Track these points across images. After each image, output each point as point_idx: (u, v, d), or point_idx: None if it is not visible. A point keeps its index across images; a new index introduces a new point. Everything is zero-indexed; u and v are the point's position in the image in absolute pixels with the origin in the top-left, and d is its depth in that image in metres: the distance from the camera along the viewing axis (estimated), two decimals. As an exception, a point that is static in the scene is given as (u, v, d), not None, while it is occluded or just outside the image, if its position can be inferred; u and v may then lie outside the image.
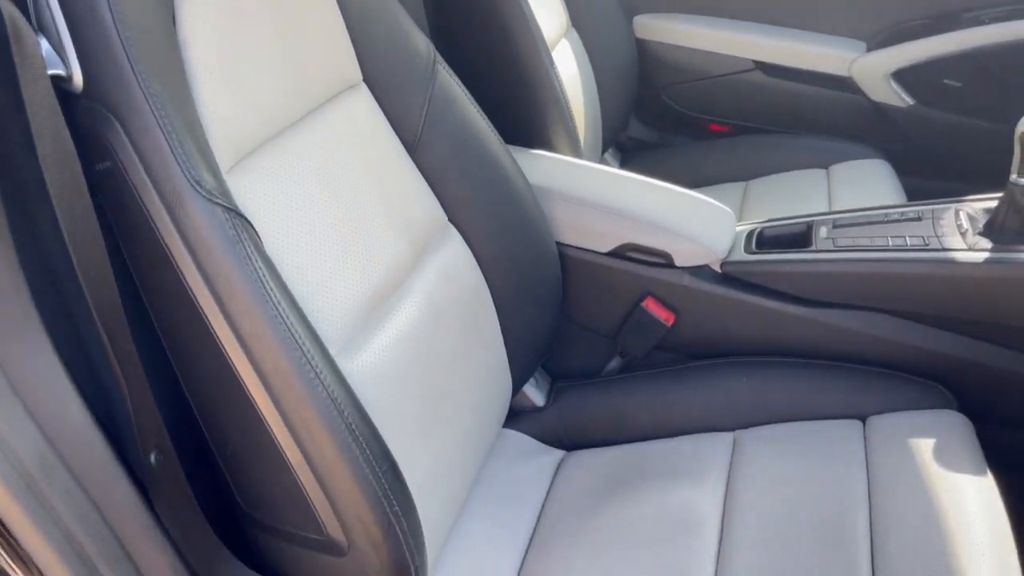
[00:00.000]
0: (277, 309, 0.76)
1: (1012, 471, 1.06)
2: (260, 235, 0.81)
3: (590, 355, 1.42)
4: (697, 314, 1.30)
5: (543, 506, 1.25)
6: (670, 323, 1.31)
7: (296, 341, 0.77)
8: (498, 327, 1.22)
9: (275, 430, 0.77)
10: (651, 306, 1.31)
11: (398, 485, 0.81)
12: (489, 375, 1.20)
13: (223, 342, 0.75)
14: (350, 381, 0.85)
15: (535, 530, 1.21)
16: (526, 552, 1.17)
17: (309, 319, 0.82)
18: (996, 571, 0.91)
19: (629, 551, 1.08)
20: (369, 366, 0.93)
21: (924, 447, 1.09)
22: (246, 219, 0.78)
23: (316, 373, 0.77)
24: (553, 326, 1.33)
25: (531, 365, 1.32)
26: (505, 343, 1.23)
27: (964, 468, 1.05)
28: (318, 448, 0.76)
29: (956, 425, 1.13)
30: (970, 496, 1.01)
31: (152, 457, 0.76)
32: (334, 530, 0.79)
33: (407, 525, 0.81)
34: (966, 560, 0.91)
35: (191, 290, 0.74)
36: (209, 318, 0.75)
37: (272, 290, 0.76)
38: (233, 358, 0.75)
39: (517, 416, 1.38)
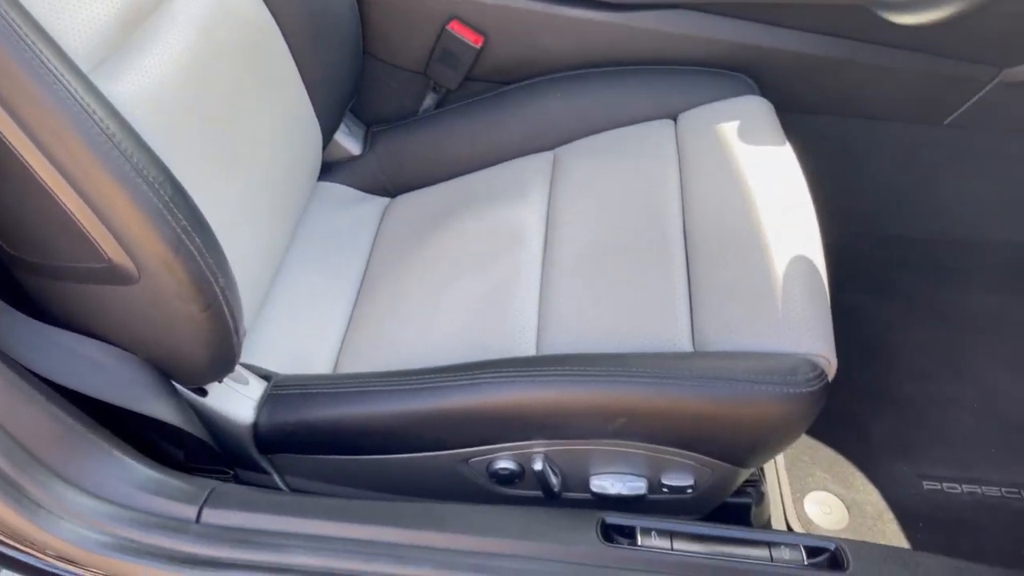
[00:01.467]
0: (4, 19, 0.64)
1: (812, 152, 1.11)
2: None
3: (402, 95, 1.34)
4: (506, 32, 1.24)
5: (371, 251, 1.22)
6: (479, 45, 1.24)
7: (27, 45, 0.65)
8: (294, 68, 1.11)
9: (22, 151, 0.67)
10: (457, 29, 1.23)
11: (181, 199, 0.73)
12: (292, 120, 1.11)
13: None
14: (118, 104, 0.75)
15: (365, 275, 1.18)
16: (357, 295, 1.15)
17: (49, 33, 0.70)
18: (794, 217, 0.96)
19: (459, 271, 1.07)
20: (138, 89, 0.82)
21: (730, 131, 1.11)
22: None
23: (57, 78, 0.66)
24: (355, 66, 1.24)
25: (338, 111, 1.24)
26: (305, 86, 1.13)
27: (766, 142, 1.09)
28: (74, 161, 0.67)
29: (759, 109, 1.16)
30: (772, 164, 1.05)
31: None
32: (117, 255, 0.72)
33: (200, 241, 0.75)
34: (766, 220, 0.95)
35: None
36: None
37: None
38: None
39: (334, 168, 1.31)
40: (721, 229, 0.99)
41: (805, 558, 0.76)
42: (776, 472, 1.10)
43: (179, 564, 0.71)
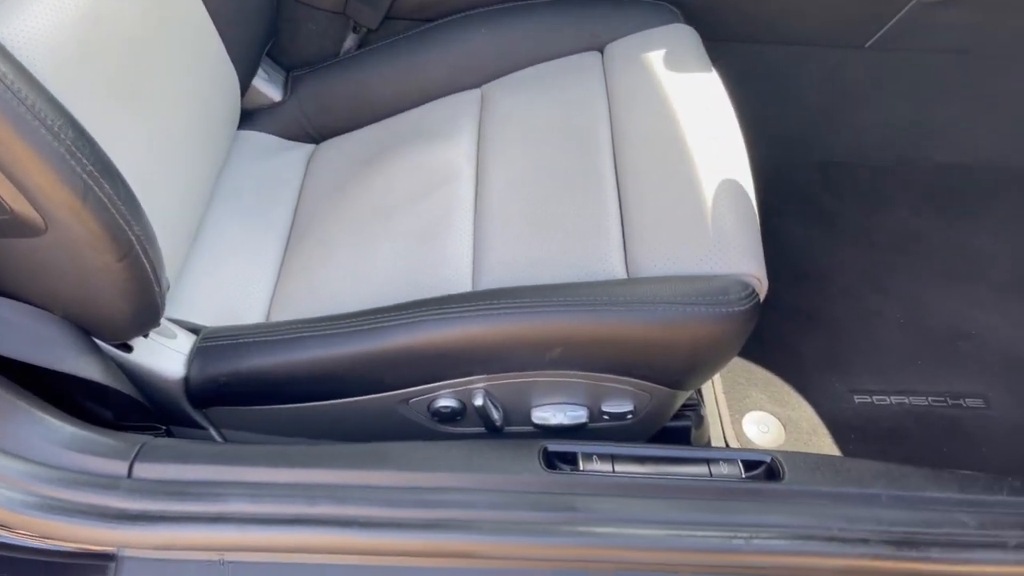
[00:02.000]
0: None
1: (737, 79, 1.11)
2: None
3: (322, 38, 1.29)
4: (422, -36, 1.21)
5: (298, 199, 1.18)
6: (393, -19, 1.20)
7: None
8: (202, 6, 1.06)
9: None
10: (374, -36, 1.19)
11: (84, 144, 0.70)
12: (203, 62, 1.06)
13: None
14: (10, 46, 0.71)
15: (293, 223, 1.15)
16: (286, 245, 1.12)
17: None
18: (722, 144, 0.96)
19: (390, 213, 1.05)
20: (32, 29, 0.76)
21: (656, 61, 1.11)
22: None
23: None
24: (269, 6, 1.19)
25: (254, 54, 1.19)
26: (216, 26, 1.08)
27: (692, 70, 1.09)
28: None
29: (684, 37, 1.15)
30: (699, 92, 1.05)
31: None
32: (19, 204, 0.68)
33: (109, 187, 0.71)
34: (695, 147, 0.96)
35: None
36: None
37: None
38: None
39: (255, 115, 1.26)
40: (651, 157, 0.99)
41: (743, 472, 0.78)
42: (714, 395, 1.12)
43: (111, 520, 0.69)
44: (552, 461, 0.78)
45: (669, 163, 0.97)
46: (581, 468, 0.77)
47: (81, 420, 0.77)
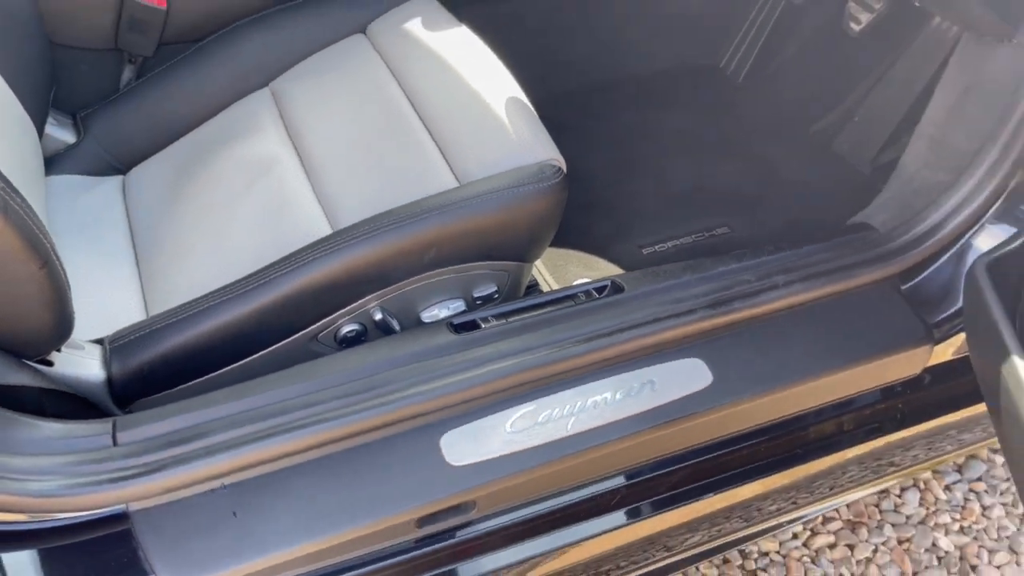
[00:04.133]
0: None
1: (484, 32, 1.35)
2: None
3: (100, 75, 1.35)
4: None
5: (128, 221, 1.25)
6: (164, 6, 1.30)
7: None
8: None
9: None
10: (138, -5, 1.28)
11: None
12: (7, 118, 1.09)
13: None
14: None
15: (134, 241, 1.21)
16: (136, 258, 1.18)
17: None
18: (496, 79, 1.20)
19: (230, 205, 1.16)
20: None
21: (415, 26, 1.32)
22: None
23: None
24: (46, 55, 1.23)
25: (42, 102, 1.23)
26: (7, 82, 1.12)
27: (446, 28, 1.31)
28: None
29: (429, 6, 1.37)
30: (460, 46, 1.27)
31: None
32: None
33: (20, 200, 0.78)
34: (478, 85, 1.18)
35: None
36: None
37: None
38: None
39: (56, 160, 1.30)
40: (444, 95, 1.20)
41: (597, 294, 1.02)
42: (544, 277, 1.37)
43: (113, 482, 0.77)
44: (459, 330, 0.97)
45: (460, 95, 1.19)
46: (482, 327, 0.97)
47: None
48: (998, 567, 1.43)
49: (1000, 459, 1.58)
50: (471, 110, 1.16)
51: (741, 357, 1.00)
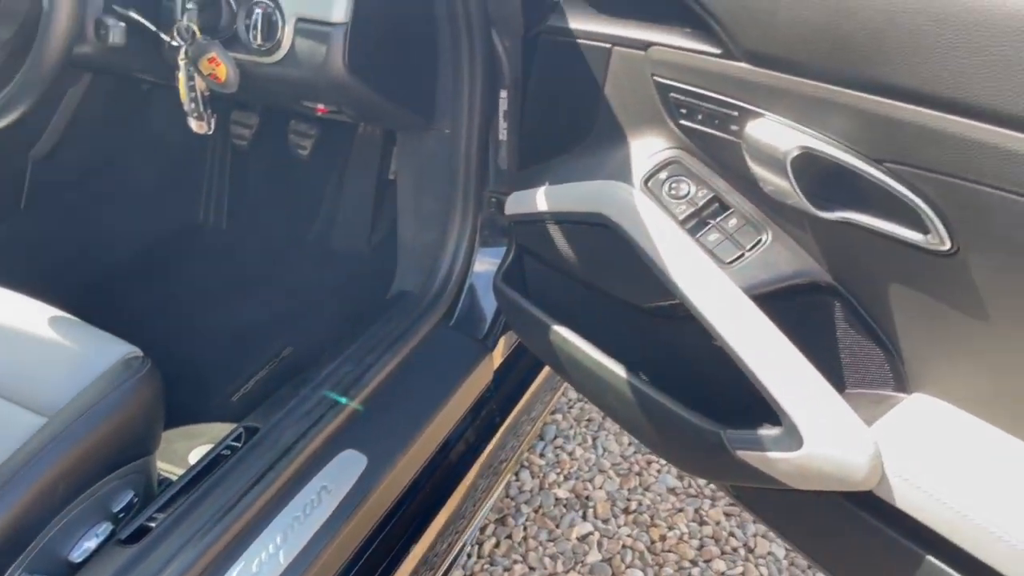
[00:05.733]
0: None
1: None
2: None
3: None
4: None
5: None
6: None
7: None
8: None
9: None
10: None
11: None
12: None
13: None
14: None
15: None
16: None
17: None
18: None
19: None
20: None
21: None
22: None
23: None
24: None
25: None
26: None
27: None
28: None
29: None
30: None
31: None
32: None
33: None
34: (19, 320, 1.14)
35: None
36: None
37: None
38: None
39: None
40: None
41: (239, 444, 1.10)
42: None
43: None
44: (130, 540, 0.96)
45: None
46: (153, 527, 0.97)
47: None
48: (602, 487, 1.85)
49: (559, 416, 2.03)
50: (19, 344, 1.12)
51: (376, 430, 1.18)
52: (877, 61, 0.76)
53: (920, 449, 0.83)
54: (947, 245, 0.77)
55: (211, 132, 1.28)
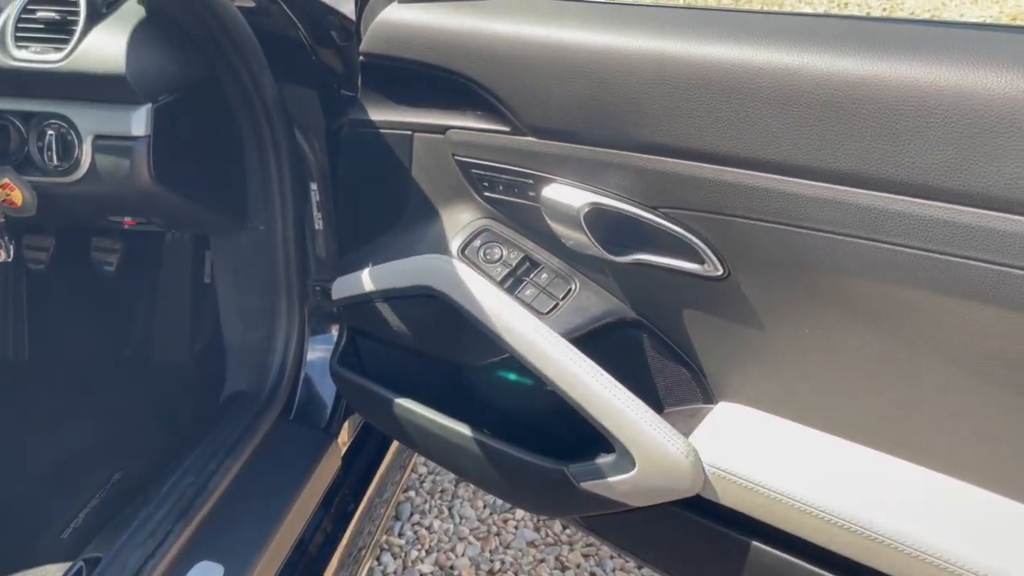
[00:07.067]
0: None
1: None
2: None
3: None
4: None
5: None
6: None
7: None
8: None
9: None
10: None
11: None
12: None
13: None
14: None
15: None
16: None
17: None
18: None
19: None
20: None
21: None
22: None
23: None
24: None
25: None
26: None
27: None
28: None
29: None
30: None
31: None
32: None
33: None
34: None
35: None
36: None
37: None
38: None
39: None
40: None
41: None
42: None
43: None
44: None
45: None
46: None
47: None
48: (464, 554, 1.87)
49: (413, 492, 2.04)
50: None
51: (228, 537, 1.15)
52: (638, 124, 0.89)
53: (731, 450, 0.95)
54: (720, 271, 0.90)
55: (10, 260, 1.23)
